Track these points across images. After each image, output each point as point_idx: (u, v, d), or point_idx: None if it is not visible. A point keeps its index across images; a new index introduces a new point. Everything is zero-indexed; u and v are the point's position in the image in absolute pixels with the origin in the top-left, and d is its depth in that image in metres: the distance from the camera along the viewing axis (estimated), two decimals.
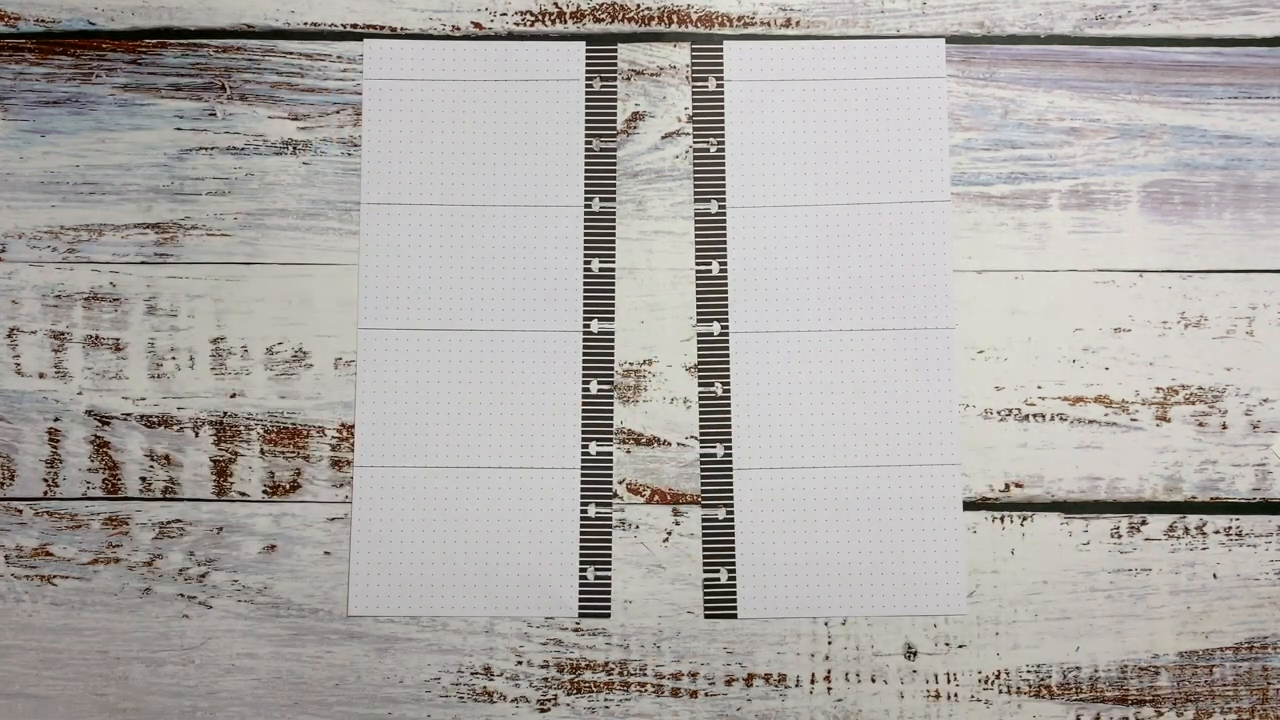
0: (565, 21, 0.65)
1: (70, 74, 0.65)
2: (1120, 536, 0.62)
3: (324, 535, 0.62)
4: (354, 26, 0.65)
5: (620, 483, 0.62)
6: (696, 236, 0.64)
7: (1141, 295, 0.63)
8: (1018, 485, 0.62)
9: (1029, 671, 0.61)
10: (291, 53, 0.65)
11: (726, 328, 0.63)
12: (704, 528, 0.62)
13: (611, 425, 0.63)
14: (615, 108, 0.65)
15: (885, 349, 0.63)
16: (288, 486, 0.62)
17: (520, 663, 0.61)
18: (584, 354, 0.63)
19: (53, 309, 0.63)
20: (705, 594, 0.61)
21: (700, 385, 0.63)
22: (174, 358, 0.63)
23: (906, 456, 0.62)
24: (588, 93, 0.65)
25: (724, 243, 0.64)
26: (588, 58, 0.65)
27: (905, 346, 0.63)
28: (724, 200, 0.64)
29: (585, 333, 0.63)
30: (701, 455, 0.62)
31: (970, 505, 0.62)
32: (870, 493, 0.62)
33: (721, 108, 0.65)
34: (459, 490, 0.62)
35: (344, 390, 0.63)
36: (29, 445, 0.62)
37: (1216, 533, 0.62)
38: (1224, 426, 0.63)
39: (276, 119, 0.64)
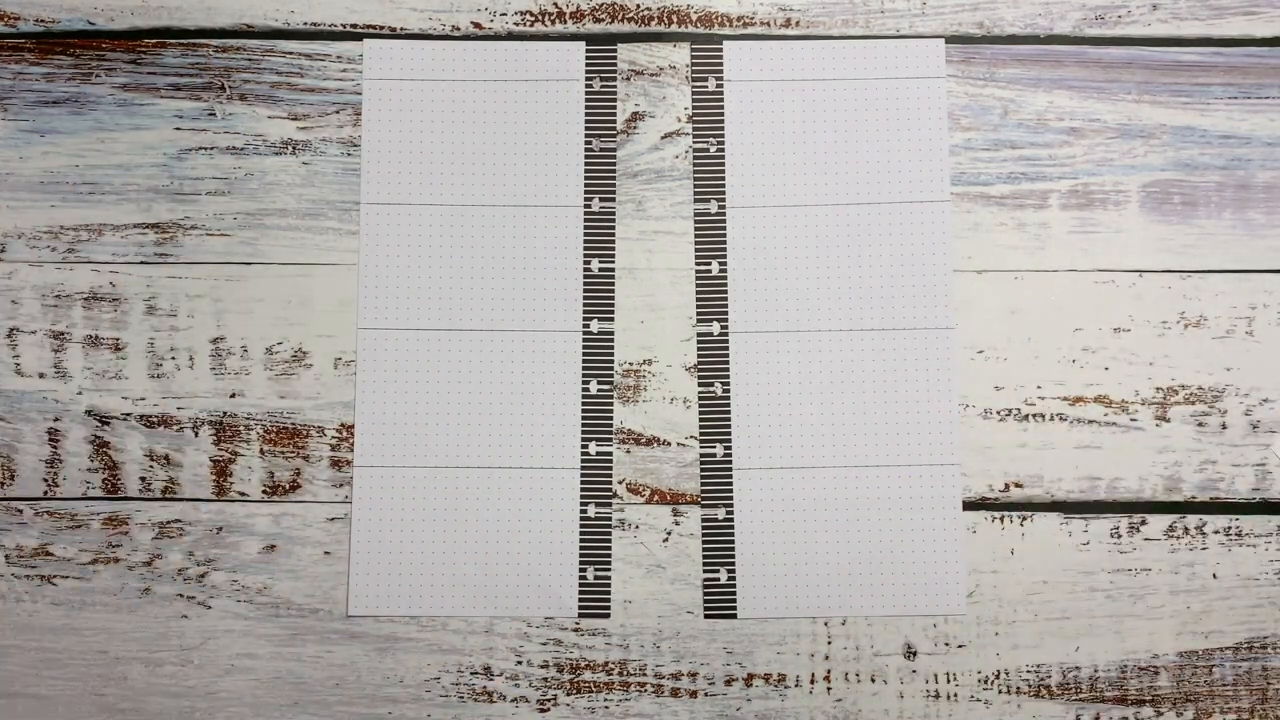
0: (565, 21, 0.65)
1: (70, 74, 0.65)
2: (1120, 536, 0.62)
3: (324, 535, 0.62)
4: (354, 26, 0.65)
5: (620, 483, 0.62)
6: (696, 236, 0.64)
7: (1141, 295, 0.63)
8: (1017, 485, 0.62)
9: (1029, 671, 0.61)
10: (291, 53, 0.65)
11: (726, 328, 0.63)
12: (704, 528, 0.62)
13: (611, 425, 0.63)
14: (615, 108, 0.65)
15: (885, 349, 0.63)
16: (287, 486, 0.62)
17: (520, 663, 0.61)
18: (584, 354, 0.63)
19: (52, 309, 0.63)
20: (705, 594, 0.61)
21: (700, 385, 0.63)
22: (174, 358, 0.63)
23: (906, 456, 0.62)
24: (587, 93, 0.65)
25: (724, 243, 0.64)
26: (588, 58, 0.65)
27: (905, 346, 0.63)
28: (724, 200, 0.64)
29: (585, 333, 0.63)
30: (701, 455, 0.62)
31: (970, 505, 0.62)
32: (870, 493, 0.62)
33: (721, 108, 0.65)
34: (459, 490, 0.62)
35: (344, 390, 0.63)
36: (29, 445, 0.62)
37: (1216, 533, 0.62)
38: (1223, 426, 0.63)
39: (276, 119, 0.64)
